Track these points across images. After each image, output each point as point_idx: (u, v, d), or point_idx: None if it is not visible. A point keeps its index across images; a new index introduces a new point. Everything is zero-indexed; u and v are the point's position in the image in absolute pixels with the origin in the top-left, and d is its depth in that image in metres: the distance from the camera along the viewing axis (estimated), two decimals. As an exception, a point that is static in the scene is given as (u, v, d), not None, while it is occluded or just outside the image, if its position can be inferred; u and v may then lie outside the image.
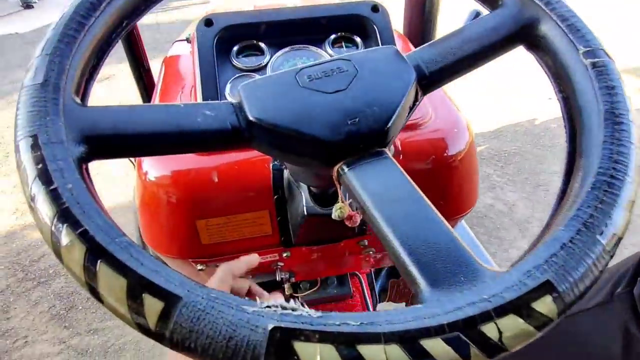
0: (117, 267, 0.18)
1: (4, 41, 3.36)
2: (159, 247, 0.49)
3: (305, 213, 0.42)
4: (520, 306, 0.18)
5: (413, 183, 0.25)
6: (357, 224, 0.31)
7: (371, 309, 0.79)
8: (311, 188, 0.42)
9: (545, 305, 0.18)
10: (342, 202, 0.30)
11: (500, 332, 0.17)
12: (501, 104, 2.27)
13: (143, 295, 0.17)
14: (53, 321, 1.34)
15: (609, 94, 0.26)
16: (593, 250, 0.20)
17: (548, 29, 0.29)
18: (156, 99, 0.59)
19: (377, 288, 0.87)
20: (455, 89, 0.57)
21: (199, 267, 0.49)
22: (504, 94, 2.34)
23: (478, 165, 0.52)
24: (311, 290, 0.70)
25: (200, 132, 0.26)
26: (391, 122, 0.27)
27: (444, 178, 0.48)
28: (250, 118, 0.26)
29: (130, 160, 1.13)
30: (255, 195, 0.45)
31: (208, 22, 0.48)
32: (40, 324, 1.34)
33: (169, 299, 0.17)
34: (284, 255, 0.51)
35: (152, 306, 0.17)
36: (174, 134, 0.25)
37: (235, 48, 0.50)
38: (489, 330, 0.17)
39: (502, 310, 0.17)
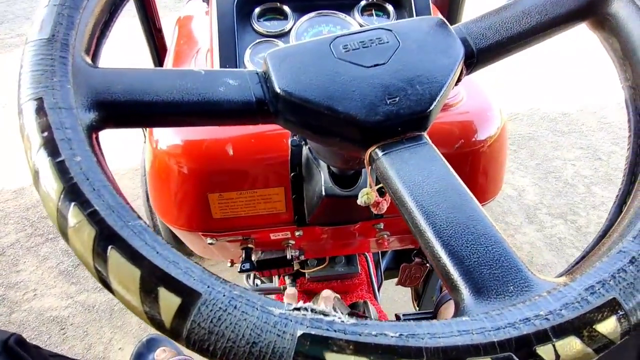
0: (129, 256, 0.16)
1: (11, -9, 3.26)
2: (167, 218, 0.48)
3: (323, 194, 0.40)
4: (581, 327, 0.16)
5: (456, 174, 0.22)
6: (383, 211, 0.29)
7: (376, 288, 0.79)
8: (331, 168, 0.39)
9: (608, 327, 0.16)
10: (370, 187, 0.27)
11: (557, 355, 0.15)
12: (519, 85, 2.19)
13: (158, 288, 0.16)
14: (61, 277, 1.37)
15: None
16: None
17: (621, 7, 0.26)
18: (169, 63, 0.55)
19: (382, 267, 0.87)
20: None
21: (209, 241, 0.48)
22: (523, 75, 2.25)
23: (507, 153, 0.49)
24: (319, 268, 0.69)
25: (222, 104, 0.23)
26: (434, 103, 0.24)
27: (470, 164, 0.46)
28: (277, 90, 0.24)
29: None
30: (271, 171, 0.43)
31: None
32: (48, 278, 1.37)
33: (187, 295, 0.15)
34: (296, 234, 0.49)
35: (168, 302, 0.15)
36: (194, 104, 0.23)
37: (257, 10, 0.47)
38: (545, 352, 0.15)
39: (561, 331, 0.15)
